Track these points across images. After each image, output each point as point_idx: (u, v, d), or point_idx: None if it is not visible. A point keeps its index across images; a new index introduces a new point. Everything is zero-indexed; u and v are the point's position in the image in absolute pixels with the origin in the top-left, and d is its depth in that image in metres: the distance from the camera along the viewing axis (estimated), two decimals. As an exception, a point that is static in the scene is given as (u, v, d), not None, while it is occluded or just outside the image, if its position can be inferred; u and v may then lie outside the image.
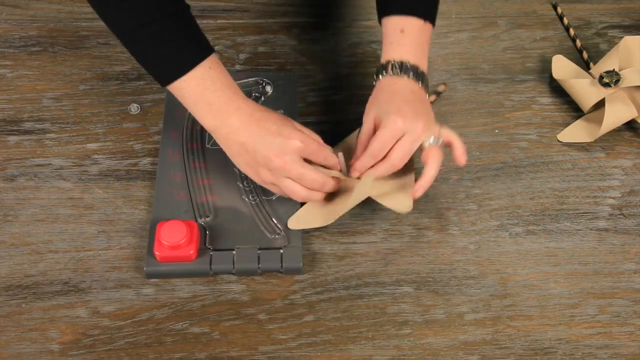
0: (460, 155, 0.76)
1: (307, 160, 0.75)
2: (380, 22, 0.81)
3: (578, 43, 0.98)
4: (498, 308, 0.75)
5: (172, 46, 0.73)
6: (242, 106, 0.74)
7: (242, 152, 0.74)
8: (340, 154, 0.77)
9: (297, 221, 0.78)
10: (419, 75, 0.78)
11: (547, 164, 0.87)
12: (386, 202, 0.77)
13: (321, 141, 0.77)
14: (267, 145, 0.73)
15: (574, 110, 0.92)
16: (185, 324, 0.73)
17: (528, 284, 0.77)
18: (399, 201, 0.77)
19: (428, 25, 0.79)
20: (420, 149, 0.76)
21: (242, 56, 0.96)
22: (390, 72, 0.77)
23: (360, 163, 0.76)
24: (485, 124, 0.90)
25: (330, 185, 0.76)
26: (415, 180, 0.77)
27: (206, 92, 0.74)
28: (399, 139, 0.74)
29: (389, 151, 0.75)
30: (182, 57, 0.73)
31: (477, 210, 0.82)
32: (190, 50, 0.73)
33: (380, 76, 0.78)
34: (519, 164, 0.87)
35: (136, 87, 0.92)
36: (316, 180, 0.74)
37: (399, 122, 0.73)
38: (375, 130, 0.76)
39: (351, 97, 0.92)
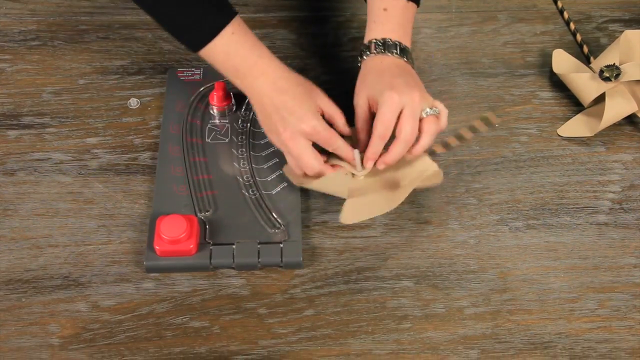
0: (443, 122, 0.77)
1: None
2: (366, 1, 0.82)
3: (578, 37, 0.98)
4: (498, 302, 0.75)
5: (194, 14, 0.74)
6: (267, 71, 0.76)
7: (263, 113, 0.76)
8: (357, 151, 0.77)
9: (352, 214, 0.77)
10: (402, 50, 0.78)
11: (547, 159, 0.87)
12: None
13: (342, 122, 0.78)
14: (280, 117, 0.74)
15: (574, 104, 0.92)
16: (185, 318, 0.73)
17: (528, 278, 0.77)
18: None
19: (411, 5, 0.81)
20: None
21: (241, 50, 0.96)
22: (374, 50, 0.78)
23: (371, 149, 0.75)
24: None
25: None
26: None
27: (231, 58, 0.75)
28: (400, 114, 0.74)
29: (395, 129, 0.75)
30: (204, 25, 0.74)
31: (477, 205, 0.82)
32: (211, 17, 0.74)
33: (365, 56, 0.79)
34: (519, 158, 0.87)
35: (135, 81, 0.92)
36: (313, 167, 0.75)
37: (395, 97, 0.74)
38: (370, 111, 0.77)
39: (351, 91, 0.92)
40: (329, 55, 0.96)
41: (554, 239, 0.80)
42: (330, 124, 0.77)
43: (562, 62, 0.93)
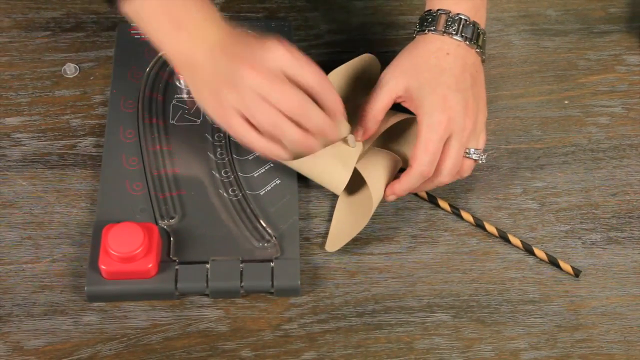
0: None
1: None
2: None
3: (682, -21, 0.99)
4: (567, 344, 0.76)
5: None
6: (222, 25, 0.75)
7: (206, 80, 0.74)
8: (351, 136, 0.80)
9: (337, 239, 0.81)
10: (477, 35, 0.80)
11: (637, 148, 0.88)
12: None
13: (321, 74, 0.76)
14: (236, 54, 0.73)
15: (674, 73, 0.93)
16: (141, 363, 0.75)
17: (609, 311, 0.78)
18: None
19: None
20: None
21: (218, -2, 0.97)
22: (442, 28, 0.79)
23: (406, 185, 0.79)
24: (550, 92, 0.92)
25: (331, 130, 0.75)
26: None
27: (174, 9, 0.74)
28: (445, 143, 0.77)
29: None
30: None
31: (539, 211, 0.84)
32: None
33: (427, 30, 0.80)
34: (597, 147, 0.88)
35: (73, 39, 0.93)
36: (304, 107, 0.73)
37: (443, 123, 0.76)
38: (395, 101, 0.79)
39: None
40: (336, 6, 0.97)
41: (645, 257, 0.81)
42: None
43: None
